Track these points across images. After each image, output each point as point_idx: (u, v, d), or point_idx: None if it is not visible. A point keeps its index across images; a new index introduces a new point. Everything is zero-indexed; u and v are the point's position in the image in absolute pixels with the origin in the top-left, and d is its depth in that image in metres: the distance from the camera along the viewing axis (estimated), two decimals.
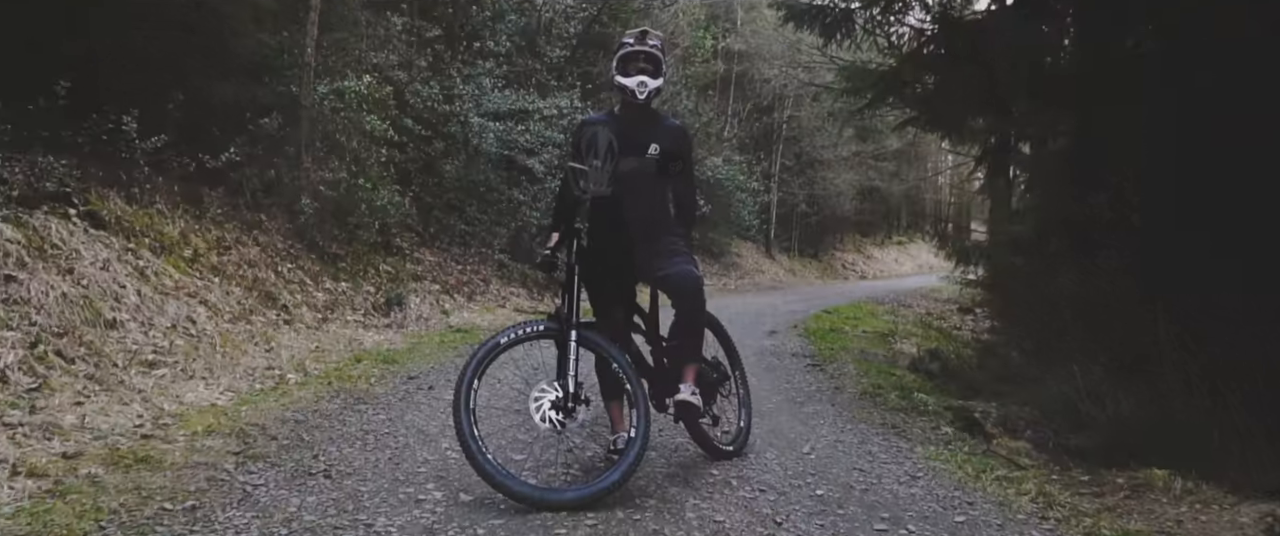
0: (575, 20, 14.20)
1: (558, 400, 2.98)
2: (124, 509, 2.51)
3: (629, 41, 3.41)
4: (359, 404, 4.35)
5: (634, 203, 3.37)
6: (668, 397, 3.38)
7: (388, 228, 9.69)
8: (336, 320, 7.14)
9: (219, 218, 7.30)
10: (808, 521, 2.84)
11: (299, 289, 7.32)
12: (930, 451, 4.12)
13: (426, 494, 2.90)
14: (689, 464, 3.53)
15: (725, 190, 18.52)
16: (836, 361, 7.58)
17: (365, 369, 5.39)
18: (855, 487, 3.32)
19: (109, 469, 2.87)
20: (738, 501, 3.04)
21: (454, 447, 3.43)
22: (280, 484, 2.90)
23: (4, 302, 4.07)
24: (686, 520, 2.78)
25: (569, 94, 12.79)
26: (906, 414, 5.25)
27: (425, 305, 8.67)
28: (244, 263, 6.97)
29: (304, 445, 3.44)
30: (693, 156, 3.69)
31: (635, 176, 3.35)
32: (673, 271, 3.35)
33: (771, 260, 22.49)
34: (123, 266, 5.40)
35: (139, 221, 6.14)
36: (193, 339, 5.11)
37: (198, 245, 6.59)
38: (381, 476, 3.07)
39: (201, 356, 4.89)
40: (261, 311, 6.41)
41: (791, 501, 3.07)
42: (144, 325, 4.92)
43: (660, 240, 3.41)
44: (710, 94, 20.73)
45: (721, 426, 3.79)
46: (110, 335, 4.58)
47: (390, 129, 9.26)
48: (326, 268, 8.15)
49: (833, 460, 3.77)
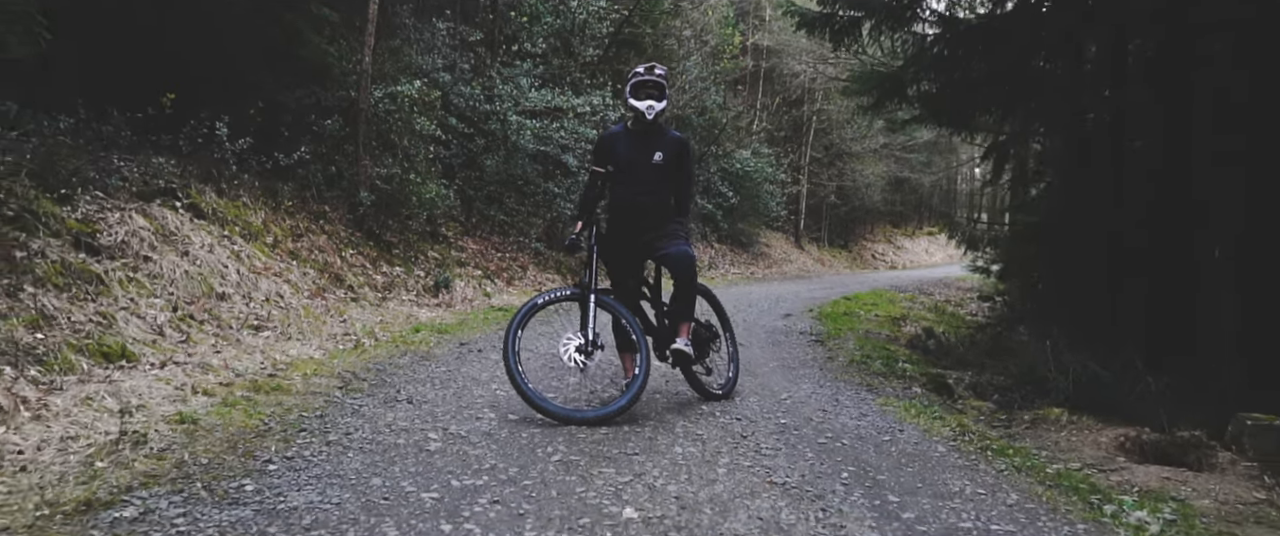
0: (607, 21, 15.23)
1: (580, 345, 4.06)
2: (275, 415, 3.64)
3: (640, 72, 4.48)
4: (423, 360, 5.48)
5: (643, 196, 4.43)
6: (667, 349, 4.43)
7: (435, 218, 10.87)
8: (394, 299, 8.30)
9: (291, 209, 8.51)
10: (767, 438, 3.88)
11: (361, 271, 8.51)
12: (889, 401, 5.13)
13: (483, 414, 3.99)
14: (685, 403, 4.59)
15: (753, 182, 19.46)
16: (839, 339, 8.54)
17: (423, 336, 6.53)
18: (813, 420, 4.35)
19: (254, 393, 4.01)
20: (717, 424, 4.09)
21: (502, 388, 4.55)
22: (376, 405, 4.02)
23: (149, 277, 5.26)
24: (675, 432, 3.84)
25: (601, 92, 13.85)
26: (885, 378, 6.25)
27: (469, 288, 9.82)
28: (314, 248, 8.17)
29: (387, 384, 4.56)
30: (691, 160, 4.72)
31: (644, 178, 4.41)
32: (672, 251, 4.41)
33: (800, 250, 23.38)
34: (223, 250, 6.60)
35: (230, 212, 7.35)
36: (283, 310, 6.29)
37: (276, 232, 7.80)
38: (449, 403, 4.18)
39: (293, 323, 6.06)
40: (332, 290, 7.59)
41: (759, 427, 4.11)
42: (246, 298, 6.10)
43: (663, 226, 4.47)
44: (739, 89, 21.67)
45: (714, 376, 4.84)
46: (222, 304, 5.77)
47: (437, 128, 10.42)
48: (383, 253, 9.34)
49: (803, 404, 4.80)
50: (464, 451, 3.29)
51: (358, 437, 3.39)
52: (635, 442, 3.60)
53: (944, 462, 3.61)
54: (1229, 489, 3.39)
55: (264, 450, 3.10)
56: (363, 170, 9.53)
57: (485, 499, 2.73)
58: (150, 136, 7.12)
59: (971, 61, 8.95)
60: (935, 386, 6.27)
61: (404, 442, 3.36)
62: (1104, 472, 3.61)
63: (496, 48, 13.28)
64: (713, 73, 17.94)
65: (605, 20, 15.26)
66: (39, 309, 3.91)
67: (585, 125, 13.12)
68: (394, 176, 9.78)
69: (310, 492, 2.67)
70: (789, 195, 21.59)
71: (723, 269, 18.44)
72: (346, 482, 2.80)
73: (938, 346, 8.92)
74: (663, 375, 5.17)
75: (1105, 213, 7.45)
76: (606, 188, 4.52)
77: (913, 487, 3.19)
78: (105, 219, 5.57)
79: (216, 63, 7.90)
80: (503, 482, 2.91)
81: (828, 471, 3.34)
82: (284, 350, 5.22)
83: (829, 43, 9.97)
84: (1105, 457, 3.85)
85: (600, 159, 4.52)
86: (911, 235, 30.66)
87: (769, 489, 3.04)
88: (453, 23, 12.43)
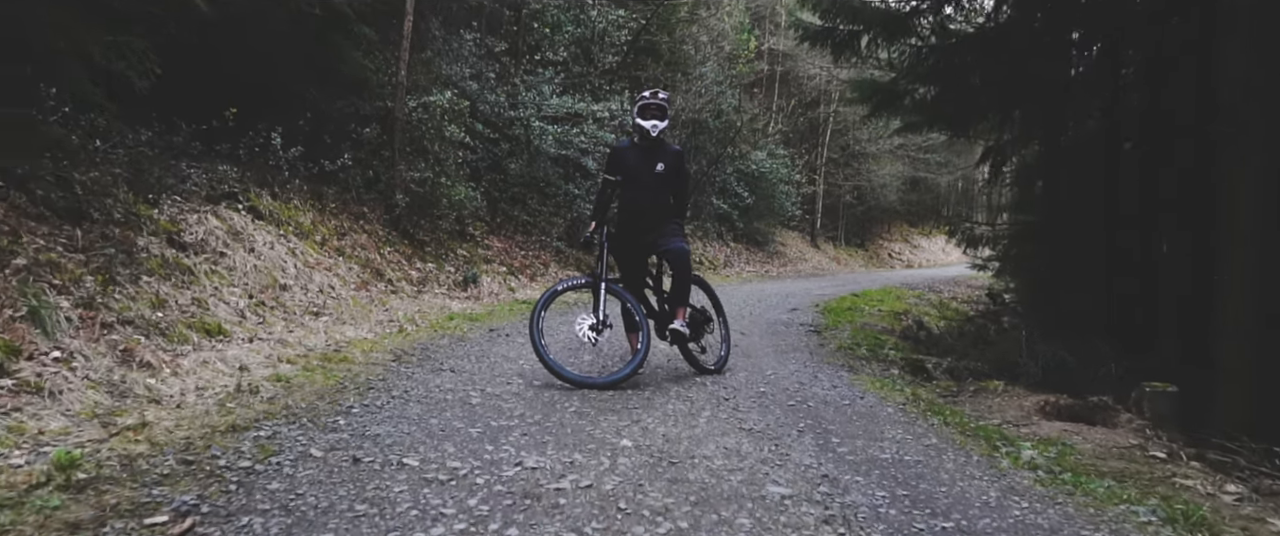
0: (625, 29, 16.17)
1: (593, 324, 5.00)
2: (346, 378, 4.61)
3: (646, 96, 5.40)
4: (459, 342, 6.44)
5: (647, 200, 5.35)
6: (666, 329, 5.35)
7: (463, 218, 11.86)
8: (428, 292, 9.29)
9: (335, 210, 9.53)
10: (746, 401, 4.79)
11: (398, 267, 9.51)
12: (862, 378, 6.01)
13: (512, 381, 4.93)
14: (681, 375, 5.50)
15: (769, 182, 20.33)
16: (836, 330, 9.41)
17: (457, 323, 7.50)
18: (790, 390, 5.25)
19: (325, 363, 4.99)
20: (706, 391, 5.01)
21: (528, 363, 5.49)
22: (425, 373, 4.98)
23: (226, 270, 6.27)
24: (669, 394, 4.77)
25: (619, 98, 14.79)
26: (866, 361, 7.12)
27: (495, 283, 10.80)
28: (357, 246, 9.18)
29: (432, 359, 5.52)
30: (687, 169, 5.63)
31: (648, 185, 5.33)
32: (671, 246, 5.33)
33: (816, 249, 24.20)
34: (281, 247, 7.61)
35: (283, 213, 8.36)
36: (336, 299, 7.28)
37: (323, 231, 8.81)
38: (484, 372, 5.13)
39: (345, 311, 7.05)
40: (374, 283, 8.58)
41: (741, 393, 5.02)
42: (303, 288, 7.10)
43: (664, 226, 5.39)
44: (755, 92, 22.54)
45: (708, 354, 5.76)
46: (285, 294, 6.76)
47: (465, 135, 11.42)
48: (417, 251, 10.34)
49: (784, 378, 5.70)
50: (499, 404, 4.23)
51: (415, 394, 4.35)
52: (636, 401, 4.53)
53: (887, 419, 4.51)
54: (1113, 437, 4.26)
55: (345, 400, 4.06)
56: (398, 174, 10.53)
57: (516, 433, 3.66)
58: (215, 146, 8.15)
59: (965, 71, 9.74)
60: (913, 369, 7.12)
61: (451, 398, 4.31)
62: (1016, 427, 4.49)
63: (520, 57, 14.27)
64: (728, 77, 18.82)
65: (624, 29, 16.19)
66: (155, 294, 4.91)
67: (604, 129, 14.07)
68: (426, 180, 10.78)
69: (386, 426, 3.62)
70: (804, 195, 22.40)
71: (738, 267, 19.32)
72: (412, 421, 3.75)
73: (928, 336, 9.77)
74: (664, 354, 6.09)
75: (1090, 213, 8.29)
76: (616, 193, 5.45)
77: (854, 434, 4.09)
78: (186, 219, 6.59)
79: (270, 79, 8.92)
80: (530, 424, 3.85)
81: (789, 422, 4.25)
82: (341, 332, 6.20)
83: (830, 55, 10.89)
84: (1024, 417, 4.72)
85: (612, 169, 5.45)
86: (928, 234, 31.36)
87: (738, 432, 3.95)
88: (479, 34, 13.42)
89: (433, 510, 2.61)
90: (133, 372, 3.80)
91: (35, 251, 4.31)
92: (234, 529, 2.36)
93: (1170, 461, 3.95)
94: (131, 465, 2.78)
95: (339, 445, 3.27)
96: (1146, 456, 4.00)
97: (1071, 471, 3.60)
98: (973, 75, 9.81)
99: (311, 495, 2.67)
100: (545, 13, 14.83)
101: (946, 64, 9.73)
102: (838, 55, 10.41)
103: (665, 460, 3.37)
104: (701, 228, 18.92)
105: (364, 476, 2.90)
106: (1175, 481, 3.58)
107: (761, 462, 3.43)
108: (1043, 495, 3.25)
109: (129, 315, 4.42)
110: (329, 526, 2.43)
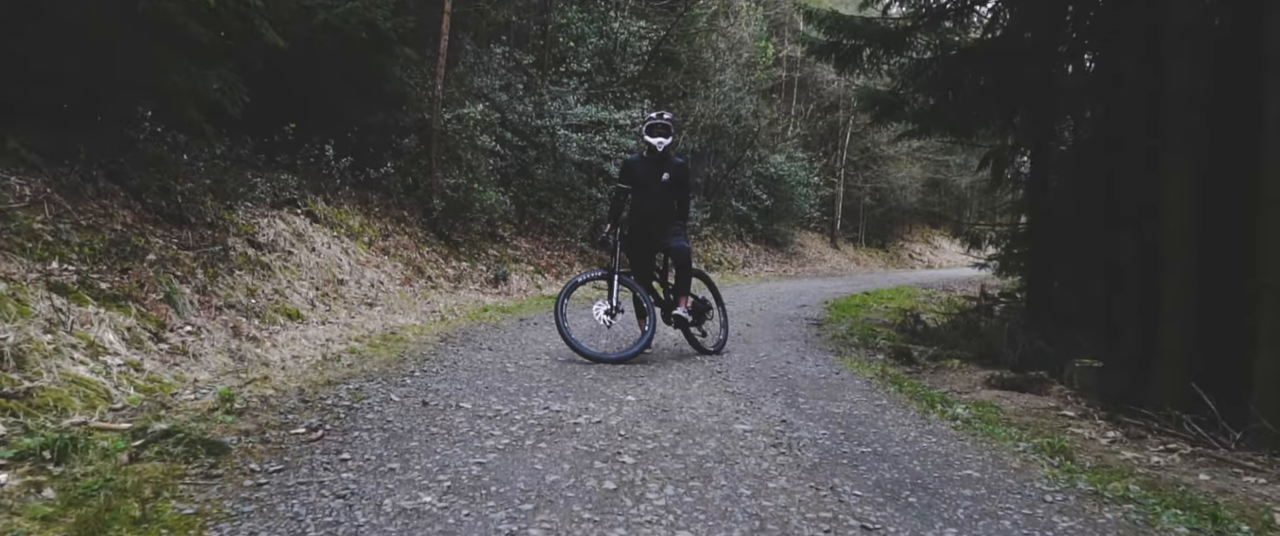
0: (647, 40, 17.25)
1: (608, 309, 6.06)
2: (405, 352, 5.72)
3: (653, 117, 6.46)
4: (494, 329, 7.54)
5: (654, 204, 6.41)
6: (671, 314, 6.41)
7: (493, 221, 13.01)
8: (463, 288, 10.43)
9: (379, 213, 10.69)
10: (735, 374, 5.83)
11: (436, 265, 10.66)
12: (844, 360, 7.02)
13: (540, 357, 6.01)
14: (685, 355, 6.55)
15: (787, 185, 21.30)
16: (837, 323, 10.39)
17: (491, 314, 8.61)
18: (776, 367, 6.28)
19: (385, 342, 6.10)
20: (702, 366, 6.05)
21: (553, 344, 6.57)
22: (467, 351, 6.08)
23: (295, 266, 7.42)
24: (670, 368, 5.82)
25: (640, 105, 15.88)
26: (856, 348, 8.11)
27: (523, 281, 11.92)
28: (399, 246, 10.33)
29: (472, 341, 6.63)
30: (689, 178, 6.68)
31: (655, 192, 6.39)
32: (675, 244, 6.38)
33: (835, 250, 25.12)
34: (335, 247, 8.77)
35: (336, 217, 9.53)
36: (385, 293, 8.43)
37: (370, 233, 9.97)
38: (517, 351, 6.21)
39: (393, 302, 8.19)
40: (416, 279, 9.73)
41: (732, 369, 6.06)
42: (357, 283, 8.25)
43: (669, 226, 6.45)
44: (774, 97, 23.54)
45: (708, 337, 6.80)
46: (342, 287, 7.91)
47: (496, 144, 12.56)
48: (452, 251, 11.49)
49: (774, 359, 6.73)
50: (530, 372, 5.32)
51: (462, 364, 5.44)
52: (642, 371, 5.59)
53: (851, 387, 5.53)
54: (1038, 401, 5.25)
55: (407, 367, 5.17)
56: (434, 181, 11.69)
57: (544, 391, 4.74)
58: (276, 157, 9.35)
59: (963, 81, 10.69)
60: (898, 355, 8.10)
61: (491, 367, 5.40)
62: (960, 394, 5.49)
63: (546, 68, 15.41)
64: (747, 83, 19.84)
65: (645, 39, 17.28)
66: (246, 284, 6.06)
67: (626, 136, 15.17)
68: (460, 186, 11.93)
69: (443, 384, 4.71)
70: (823, 197, 23.34)
71: (756, 267, 20.32)
72: (462, 381, 4.84)
73: (923, 329, 10.72)
74: (670, 339, 7.15)
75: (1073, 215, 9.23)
76: (628, 199, 6.51)
77: (818, 396, 5.11)
78: (257, 222, 7.76)
79: (323, 97, 10.11)
80: (555, 385, 4.93)
81: (767, 389, 5.29)
82: (392, 319, 7.33)
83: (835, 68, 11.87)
84: (968, 387, 5.72)
85: (624, 178, 6.52)
86: (948, 235, 32.12)
87: (722, 394, 5.00)
88: (508, 47, 14.58)
89: (485, 432, 3.69)
90: (244, 344, 4.94)
91: (159, 248, 5.47)
92: (350, 438, 3.46)
93: (1077, 419, 4.94)
94: (267, 402, 3.90)
95: (410, 394, 4.37)
96: (1058, 414, 4.98)
97: (987, 422, 4.61)
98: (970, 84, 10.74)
99: (397, 422, 3.77)
100: (570, 26, 15.97)
101: (945, 74, 10.65)
102: (841, 68, 11.36)
103: (660, 409, 4.43)
104: (721, 229, 19.92)
105: (432, 412, 4.00)
106: (1070, 430, 4.57)
107: (735, 412, 4.48)
108: (952, 436, 4.26)
109: (232, 300, 5.56)
110: (413, 439, 3.52)
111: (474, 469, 3.15)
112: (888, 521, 2.88)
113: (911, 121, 11.90)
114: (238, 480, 2.85)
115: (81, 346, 3.85)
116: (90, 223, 5.18)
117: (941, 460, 3.74)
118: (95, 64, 5.56)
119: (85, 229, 5.07)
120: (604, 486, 3.05)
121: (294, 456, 3.17)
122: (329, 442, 3.39)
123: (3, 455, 2.70)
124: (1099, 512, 3.11)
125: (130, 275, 4.88)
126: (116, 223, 5.44)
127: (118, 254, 5.01)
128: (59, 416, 3.18)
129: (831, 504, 3.03)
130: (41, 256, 4.46)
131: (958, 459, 3.78)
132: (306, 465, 3.08)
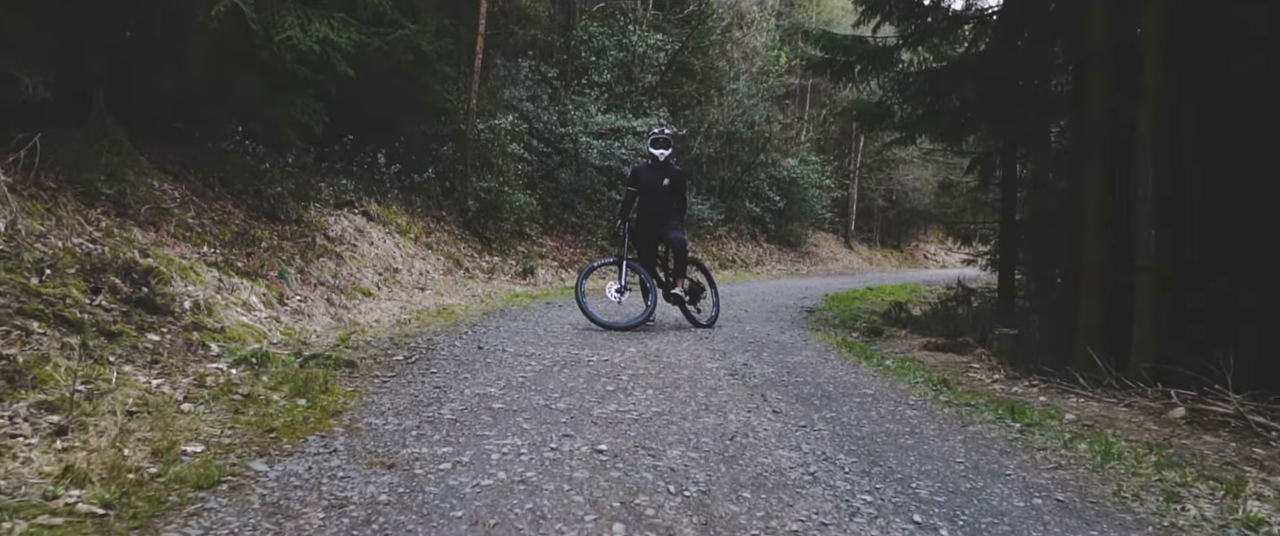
0: (664, 51, 18.94)
1: (618, 288, 7.74)
2: (457, 320, 7.43)
3: (655, 131, 8.14)
4: (525, 309, 9.24)
5: (656, 205, 8.08)
6: (670, 293, 8.06)
7: (521, 221, 14.74)
8: (496, 279, 12.15)
9: (421, 213, 12.45)
10: (721, 341, 7.46)
11: (471, 260, 12.40)
12: (817, 334, 8.63)
13: (564, 326, 7.69)
14: (680, 327, 8.20)
15: (800, 187, 22.88)
16: (828, 310, 11.99)
17: (522, 299, 10.32)
18: (757, 337, 7.91)
19: (440, 314, 7.82)
20: (693, 335, 7.69)
21: (573, 317, 8.25)
22: (506, 321, 7.77)
23: (360, 257, 9.17)
24: (667, 333, 7.48)
25: (657, 113, 17.55)
26: (834, 327, 9.72)
27: (548, 274, 13.63)
28: (440, 242, 12.08)
29: (508, 315, 8.33)
30: (685, 184, 8.34)
31: (657, 194, 8.05)
32: (673, 236, 8.05)
33: (849, 250, 26.64)
34: (389, 242, 10.52)
35: (387, 216, 11.29)
36: (432, 280, 10.16)
37: (416, 231, 11.72)
38: (545, 322, 7.90)
39: (439, 288, 9.92)
40: (455, 271, 11.47)
41: (718, 337, 7.69)
42: (408, 271, 9.99)
43: (668, 221, 8.12)
44: (787, 103, 25.13)
45: (702, 314, 8.45)
46: (397, 275, 9.65)
47: (524, 150, 14.29)
48: (485, 247, 13.22)
49: (758, 333, 8.35)
50: (556, 334, 7.00)
51: (503, 329, 7.14)
52: (643, 336, 7.25)
53: (811, 349, 7.15)
54: (955, 359, 6.84)
55: (461, 329, 6.87)
56: (469, 185, 13.44)
57: (567, 344, 6.42)
58: (336, 164, 11.13)
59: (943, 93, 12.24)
60: (870, 333, 9.67)
61: (526, 331, 7.09)
62: (897, 354, 7.09)
63: (569, 80, 17.15)
64: (760, 90, 21.46)
65: (662, 51, 18.97)
66: (330, 268, 7.80)
67: (643, 142, 16.83)
68: (492, 189, 13.67)
69: (491, 339, 6.41)
70: (836, 199, 24.88)
71: (769, 266, 21.92)
72: (505, 336, 6.53)
73: (906, 316, 12.28)
74: (673, 318, 8.80)
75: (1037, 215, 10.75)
76: (635, 200, 8.17)
77: (781, 354, 6.74)
78: (325, 220, 9.52)
79: (375, 112, 11.89)
80: (575, 341, 6.60)
81: (741, 348, 6.92)
82: (441, 299, 9.06)
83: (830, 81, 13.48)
84: (907, 350, 7.32)
85: (631, 182, 8.19)
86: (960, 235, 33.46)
87: (704, 350, 6.65)
88: (534, 61, 16.33)
89: (523, 364, 5.38)
90: (339, 310, 6.67)
91: (268, 238, 7.22)
92: (433, 363, 5.16)
93: (981, 370, 6.53)
94: (369, 343, 5.62)
95: (468, 343, 6.07)
96: (967, 367, 6.58)
97: (905, 369, 6.21)
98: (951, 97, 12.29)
99: (463, 356, 5.46)
100: (592, 40, 17.70)
101: (927, 87, 12.19)
102: (836, 80, 12.95)
103: (653, 355, 6.10)
104: (736, 229, 21.53)
105: (486, 353, 5.70)
106: (967, 375, 6.17)
107: (710, 358, 6.14)
108: (871, 375, 5.88)
109: (323, 279, 7.30)
110: (476, 365, 5.21)
111: (519, 378, 4.85)
112: (791, 409, 4.52)
113: (897, 129, 13.46)
114: (370, 379, 4.57)
115: (237, 305, 5.59)
116: (220, 218, 6.95)
117: (851, 386, 5.38)
118: (218, 95, 7.33)
119: (217, 222, 6.83)
120: (606, 388, 4.73)
121: (400, 371, 4.88)
122: (419, 366, 5.09)
123: (228, 360, 4.43)
124: (939, 410, 4.73)
125: (253, 258, 6.63)
126: (235, 219, 7.21)
127: (243, 242, 6.77)
128: (242, 345, 4.91)
129: (758, 401, 4.68)
130: (196, 242, 6.22)
131: (862, 385, 5.41)
132: (409, 374, 4.79)
